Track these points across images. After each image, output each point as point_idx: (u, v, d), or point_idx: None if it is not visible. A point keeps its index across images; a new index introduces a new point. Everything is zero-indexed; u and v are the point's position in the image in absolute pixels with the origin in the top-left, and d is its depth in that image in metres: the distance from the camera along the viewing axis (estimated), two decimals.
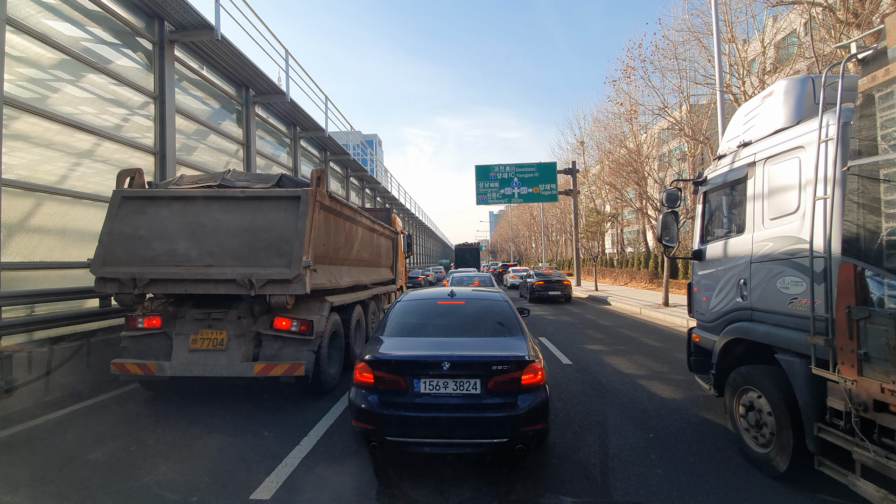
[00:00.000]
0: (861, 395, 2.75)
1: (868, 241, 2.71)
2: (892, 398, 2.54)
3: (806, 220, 3.34)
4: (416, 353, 3.77)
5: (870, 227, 2.70)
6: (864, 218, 2.75)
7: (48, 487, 3.45)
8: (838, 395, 2.93)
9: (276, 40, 11.74)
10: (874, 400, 2.67)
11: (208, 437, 4.45)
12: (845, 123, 3.05)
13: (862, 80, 2.87)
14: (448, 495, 3.31)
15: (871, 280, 2.70)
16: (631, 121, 22.35)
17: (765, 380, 3.68)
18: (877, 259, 2.65)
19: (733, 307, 4.26)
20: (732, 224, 4.45)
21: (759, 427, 3.74)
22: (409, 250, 15.16)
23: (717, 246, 4.63)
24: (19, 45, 6.33)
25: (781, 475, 3.44)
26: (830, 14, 10.90)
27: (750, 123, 4.30)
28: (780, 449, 3.47)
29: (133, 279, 5.14)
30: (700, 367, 4.93)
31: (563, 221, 43.97)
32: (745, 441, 3.89)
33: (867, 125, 2.79)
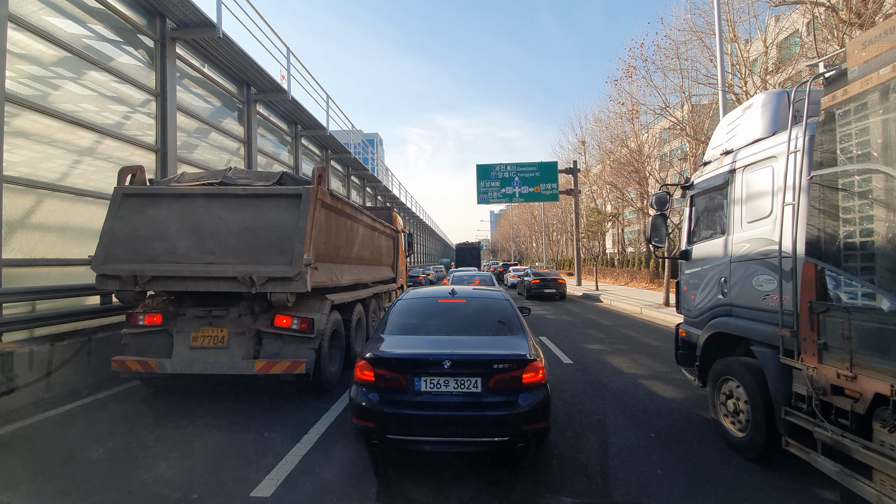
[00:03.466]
0: (820, 381, 3.07)
1: (828, 243, 3.04)
2: (847, 383, 2.86)
3: (777, 223, 3.67)
4: (417, 351, 3.76)
5: (829, 231, 3.04)
6: (825, 223, 3.08)
7: (49, 485, 3.45)
8: (802, 381, 3.26)
9: (278, 38, 11.74)
10: (831, 385, 2.99)
11: (209, 434, 4.45)
12: (811, 137, 3.32)
13: (824, 98, 3.17)
14: (448, 494, 3.31)
15: (829, 278, 3.04)
16: (632, 120, 22.33)
17: (742, 370, 3.99)
18: (835, 260, 2.98)
19: (715, 303, 4.59)
20: (715, 226, 4.75)
21: (737, 413, 4.06)
22: (409, 249, 15.16)
23: (702, 246, 4.96)
24: (21, 41, 6.32)
25: (757, 457, 3.75)
26: (833, 14, 10.87)
27: (732, 133, 4.60)
28: (755, 432, 3.76)
29: (134, 276, 5.14)
30: (686, 360, 5.21)
31: (563, 221, 43.95)
32: (726, 427, 4.19)
33: (828, 139, 3.10)
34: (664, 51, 17.66)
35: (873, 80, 2.77)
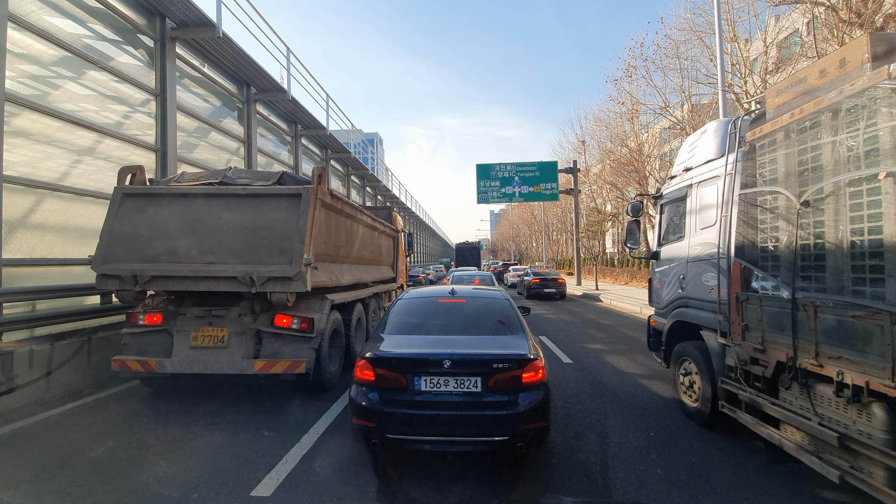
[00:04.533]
0: (743, 354, 3.91)
1: (750, 248, 3.91)
2: (759, 354, 3.71)
3: (718, 231, 4.42)
4: (416, 350, 3.77)
5: (750, 238, 3.92)
6: (747, 231, 3.95)
7: (49, 484, 3.46)
8: (731, 355, 4.10)
9: (278, 38, 11.74)
10: (750, 357, 3.83)
11: (209, 434, 4.45)
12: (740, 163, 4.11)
13: (748, 133, 4.00)
14: (448, 494, 3.31)
15: (751, 274, 3.92)
16: (632, 120, 22.35)
17: (695, 351, 4.80)
18: (755, 260, 3.86)
19: (676, 297, 5.38)
20: (678, 231, 5.47)
21: (692, 387, 4.86)
22: (409, 249, 15.16)
23: (668, 248, 5.70)
24: (21, 41, 6.32)
25: (705, 422, 4.54)
26: (833, 13, 10.87)
27: (691, 153, 5.31)
28: (704, 401, 4.58)
29: (134, 276, 5.14)
30: (656, 346, 5.92)
31: (563, 220, 43.96)
32: (683, 399, 5.03)
33: (750, 165, 3.94)
34: (664, 50, 17.69)
35: (779, 123, 3.57)
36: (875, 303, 2.71)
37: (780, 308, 3.46)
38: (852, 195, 2.94)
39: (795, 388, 3.41)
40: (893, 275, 2.63)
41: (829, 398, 3.11)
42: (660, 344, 5.67)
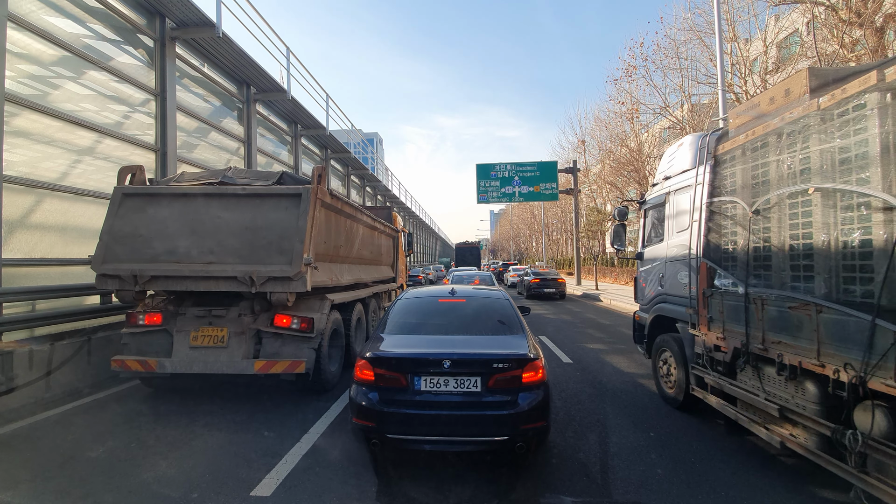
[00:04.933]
0: (708, 343, 4.46)
1: (714, 249, 4.43)
2: (721, 342, 4.25)
3: (690, 234, 4.90)
4: (416, 350, 3.77)
5: (715, 241, 4.43)
6: (712, 235, 4.47)
7: (49, 484, 3.45)
8: (699, 344, 4.65)
9: (278, 38, 11.73)
10: (714, 345, 4.37)
11: (209, 434, 4.45)
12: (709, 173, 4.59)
13: (713, 150, 4.56)
14: (448, 493, 3.31)
15: (715, 273, 4.42)
16: (632, 120, 22.35)
17: (671, 342, 5.34)
18: (717, 260, 4.37)
19: (657, 293, 5.87)
20: (659, 234, 5.96)
21: (669, 375, 5.39)
22: (409, 249, 15.16)
23: (651, 249, 6.19)
24: (21, 41, 6.32)
25: (679, 406, 5.10)
26: (833, 13, 10.87)
27: (671, 163, 5.78)
28: (678, 387, 5.12)
29: (134, 276, 5.14)
30: (639, 339, 6.41)
31: (563, 220, 43.95)
32: (662, 386, 5.55)
33: (716, 177, 4.47)
34: (664, 50, 17.70)
35: (738, 142, 4.11)
36: (805, 296, 3.23)
37: (737, 302, 4.02)
38: (791, 206, 3.45)
39: (748, 369, 3.99)
40: (820, 273, 3.13)
41: (774, 377, 3.66)
42: (643, 337, 6.21)
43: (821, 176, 3.13)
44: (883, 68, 2.78)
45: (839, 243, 2.99)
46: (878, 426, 2.74)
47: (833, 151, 3.05)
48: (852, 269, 2.91)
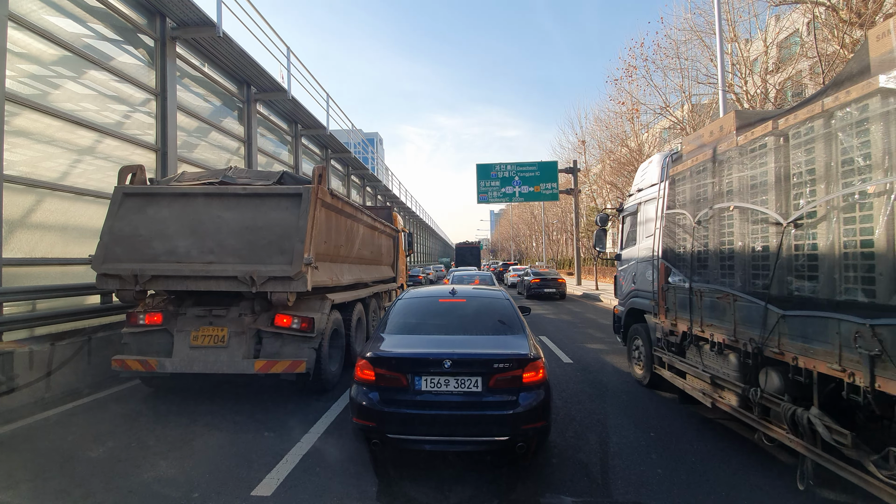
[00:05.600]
0: (665, 328, 5.38)
1: (670, 252, 5.30)
2: (673, 328, 5.17)
3: (654, 239, 5.79)
4: (417, 350, 3.77)
5: (670, 245, 5.31)
6: (668, 240, 5.35)
7: (49, 484, 3.45)
8: (659, 330, 5.55)
9: (278, 37, 11.73)
10: (669, 330, 5.28)
11: (209, 434, 4.45)
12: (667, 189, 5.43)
13: (670, 169, 5.41)
14: (449, 493, 3.31)
15: (670, 271, 5.27)
16: (632, 120, 22.32)
17: (641, 330, 6.28)
18: (672, 260, 5.25)
19: (631, 289, 6.74)
20: (633, 238, 6.84)
21: (640, 359, 6.31)
22: (409, 249, 15.16)
23: (626, 251, 7.08)
24: (21, 41, 6.32)
25: (647, 385, 5.98)
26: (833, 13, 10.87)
27: (643, 177, 6.66)
28: (646, 368, 6.03)
29: (134, 276, 5.14)
30: (617, 329, 7.39)
31: (563, 220, 43.93)
32: (634, 368, 6.56)
33: (671, 193, 5.34)
34: (664, 50, 17.67)
35: (686, 165, 4.98)
36: (727, 289, 4.13)
37: (684, 294, 4.93)
38: (720, 219, 4.32)
39: (692, 348, 4.94)
40: (737, 271, 4.03)
41: (708, 353, 4.60)
42: (620, 327, 7.18)
43: (739, 197, 4.01)
44: (778, 118, 3.59)
45: (749, 248, 3.87)
46: (770, 383, 3.72)
47: (747, 178, 3.91)
48: (756, 268, 3.79)
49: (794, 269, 3.36)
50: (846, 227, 2.92)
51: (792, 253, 3.37)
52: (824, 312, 3.05)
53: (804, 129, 3.29)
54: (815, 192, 3.17)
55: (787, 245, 3.41)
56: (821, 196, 3.12)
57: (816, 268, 3.17)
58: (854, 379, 2.80)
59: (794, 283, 3.36)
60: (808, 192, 3.25)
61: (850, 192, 2.88)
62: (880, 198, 2.68)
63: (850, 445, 2.91)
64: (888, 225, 2.61)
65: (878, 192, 2.68)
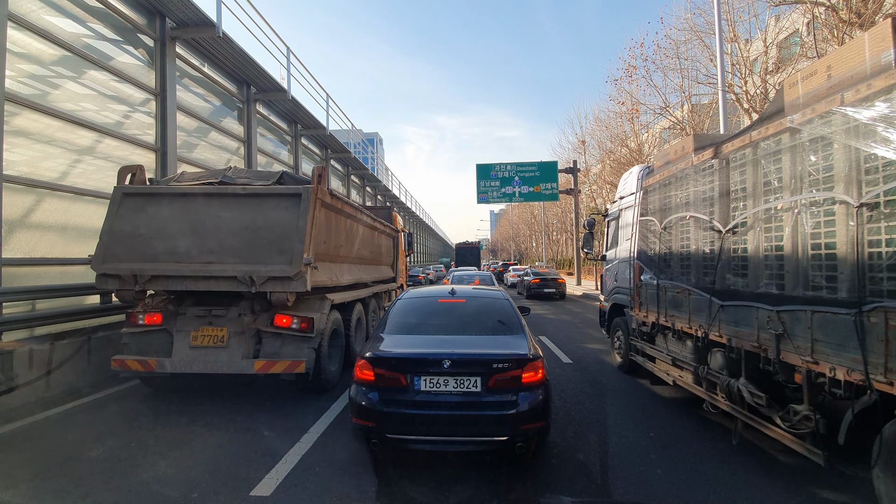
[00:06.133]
0: (639, 320, 6.09)
1: (643, 253, 5.99)
2: (645, 319, 5.86)
3: (631, 242, 6.48)
4: (416, 350, 3.77)
5: (642, 248, 6.02)
6: (641, 243, 6.06)
7: (48, 484, 3.45)
8: (634, 321, 6.32)
9: (278, 37, 11.73)
10: (641, 321, 6.01)
11: (208, 434, 4.45)
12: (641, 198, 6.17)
13: (644, 181, 6.16)
14: (448, 493, 3.31)
15: (643, 270, 5.99)
16: (632, 120, 22.31)
17: (621, 322, 7.04)
18: (644, 261, 5.96)
19: (613, 287, 7.48)
20: (616, 241, 7.51)
21: (619, 348, 7.12)
22: (409, 249, 15.15)
23: (610, 252, 7.77)
24: (21, 41, 6.31)
25: (626, 372, 6.74)
26: (833, 13, 10.86)
27: (624, 186, 7.37)
28: (624, 356, 6.79)
29: (134, 276, 5.14)
30: (602, 323, 8.11)
31: (563, 221, 43.92)
32: (615, 356, 7.34)
33: (644, 202, 6.06)
34: (664, 50, 17.66)
35: (655, 178, 5.75)
36: (684, 285, 4.87)
37: (653, 290, 5.61)
38: (679, 225, 5.08)
39: (659, 336, 5.73)
40: (692, 269, 4.78)
41: (671, 339, 5.40)
42: (604, 320, 7.90)
43: (693, 207, 4.78)
44: (720, 145, 4.35)
45: (700, 251, 4.63)
46: (714, 362, 4.52)
47: (699, 192, 4.67)
48: (705, 267, 4.52)
49: (730, 268, 4.13)
50: (765, 234, 3.67)
51: (729, 255, 4.13)
52: (748, 302, 3.80)
53: (739, 155, 4.03)
54: (746, 206, 3.92)
55: (726, 249, 4.18)
56: (750, 209, 3.86)
57: (746, 267, 3.91)
58: (767, 353, 3.55)
59: (731, 280, 4.12)
60: (741, 205, 4.00)
61: (767, 208, 3.63)
62: (788, 213, 3.41)
63: (765, 405, 3.72)
64: (792, 234, 3.34)
65: (786, 209, 3.42)
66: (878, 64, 2.77)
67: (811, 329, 3.12)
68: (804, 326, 3.18)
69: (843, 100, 2.92)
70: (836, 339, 2.94)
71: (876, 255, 2.69)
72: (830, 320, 2.98)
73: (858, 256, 2.77)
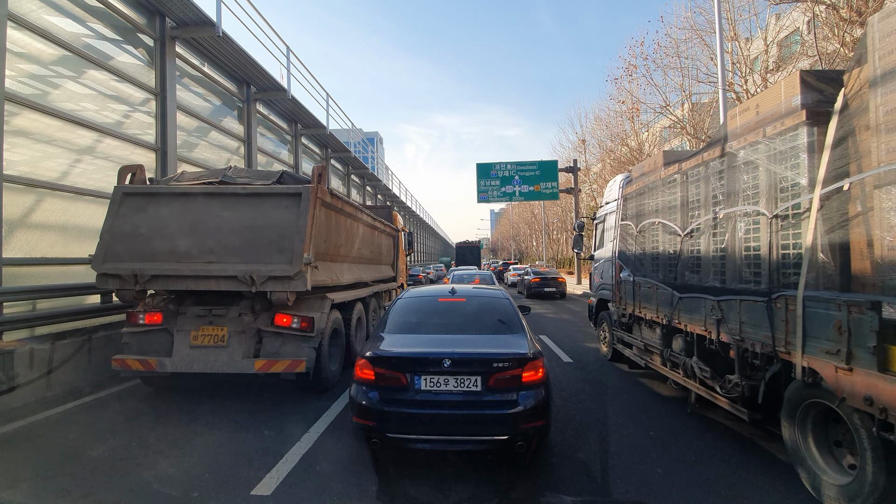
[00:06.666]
0: (620, 312, 6.84)
1: (622, 253, 6.78)
2: (624, 311, 6.60)
3: (614, 243, 7.19)
4: (417, 349, 3.76)
5: (622, 248, 6.78)
6: (620, 244, 6.85)
7: (49, 483, 3.46)
8: (615, 313, 7.09)
9: (278, 37, 11.72)
10: (621, 313, 6.75)
11: (209, 433, 4.46)
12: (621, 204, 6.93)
13: (624, 189, 6.89)
14: (448, 493, 3.31)
15: (622, 268, 6.75)
16: (633, 119, 22.28)
17: (606, 315, 7.73)
18: (623, 260, 6.72)
19: (599, 283, 8.19)
20: (602, 242, 8.22)
21: (604, 339, 7.85)
22: (410, 248, 15.14)
23: (598, 252, 8.45)
24: (21, 41, 6.31)
25: (611, 360, 7.48)
26: (834, 12, 10.85)
27: (609, 192, 8.01)
28: (609, 345, 7.52)
29: (134, 275, 5.14)
30: (590, 317, 8.79)
31: (564, 220, 43.90)
32: (601, 347, 8.11)
33: (624, 208, 6.78)
34: (664, 49, 17.65)
35: (633, 187, 6.51)
36: (653, 281, 5.62)
37: (630, 286, 6.36)
38: (650, 230, 5.87)
39: (636, 326, 6.48)
40: (660, 267, 5.59)
41: (644, 328, 6.16)
42: (592, 314, 8.67)
43: (661, 214, 5.55)
44: (681, 162, 5.12)
45: (666, 251, 5.45)
46: (676, 345, 5.23)
47: (666, 201, 5.45)
48: (670, 266, 5.32)
49: (687, 266, 4.94)
50: (713, 238, 4.48)
51: (687, 255, 4.94)
52: (699, 294, 4.57)
53: (694, 171, 4.86)
54: (700, 214, 4.72)
55: (684, 250, 4.99)
56: (702, 217, 4.66)
57: (699, 265, 4.74)
58: (711, 335, 4.35)
59: (687, 276, 4.93)
60: (696, 213, 4.80)
61: (714, 216, 4.41)
62: (728, 221, 4.21)
63: (710, 378, 4.47)
64: (731, 239, 4.15)
65: (727, 217, 4.23)
66: (789, 106, 3.49)
67: (739, 314, 3.92)
68: (735, 312, 3.98)
69: (765, 133, 3.68)
70: (755, 321, 3.72)
71: (784, 255, 3.50)
72: (752, 307, 3.76)
73: (771, 257, 3.60)
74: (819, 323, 3.05)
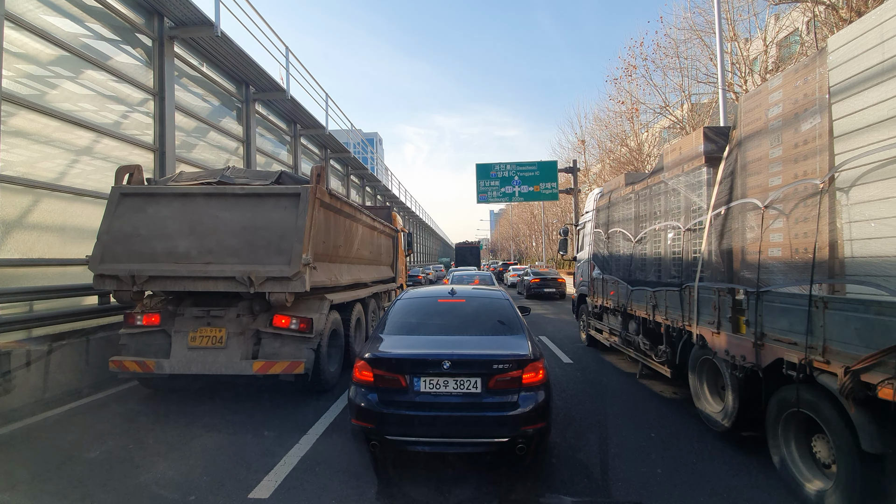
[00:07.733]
0: (594, 304, 8.33)
1: (595, 255, 8.18)
2: (597, 303, 8.09)
3: (592, 246, 8.39)
4: (416, 351, 3.74)
5: (595, 251, 8.23)
6: (594, 247, 8.28)
7: (46, 485, 3.44)
8: (590, 305, 8.57)
9: (277, 37, 11.71)
10: (595, 305, 8.30)
11: (207, 435, 4.43)
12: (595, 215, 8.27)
13: (597, 201, 8.25)
14: (448, 495, 3.29)
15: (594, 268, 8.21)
16: (632, 119, 22.29)
17: (585, 307, 9.03)
18: (596, 261, 8.13)
19: (580, 281, 9.54)
20: (583, 245, 9.48)
21: (583, 328, 9.23)
22: (409, 248, 15.12)
23: (579, 255, 9.84)
24: (18, 40, 6.29)
25: (588, 344, 8.89)
26: (833, 12, 10.84)
27: (588, 203, 9.29)
28: (587, 333, 8.88)
29: (132, 276, 5.11)
30: (573, 310, 10.31)
31: (563, 220, 43.88)
32: (581, 335, 9.51)
33: (597, 217, 8.20)
34: (664, 49, 17.65)
35: (604, 200, 7.81)
36: (615, 277, 6.89)
37: (600, 282, 7.72)
38: (613, 237, 7.18)
39: (605, 315, 7.82)
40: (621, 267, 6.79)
41: (612, 317, 7.41)
42: (574, 307, 10.12)
43: (621, 224, 6.88)
44: (635, 184, 6.46)
45: (625, 254, 6.68)
46: (630, 328, 6.55)
47: (625, 214, 6.77)
48: (626, 266, 6.58)
49: (637, 265, 6.25)
50: (653, 245, 5.85)
51: (637, 257, 6.26)
52: (643, 287, 5.86)
53: (643, 192, 6.16)
54: (646, 226, 6.05)
55: (635, 253, 6.29)
56: (647, 228, 5.98)
57: (645, 265, 6.02)
58: (649, 316, 5.65)
59: (637, 273, 6.23)
60: (643, 225, 6.11)
61: (653, 228, 5.80)
62: (662, 231, 5.58)
63: (650, 349, 5.87)
64: (663, 245, 5.52)
65: (661, 229, 5.60)
66: (697, 151, 4.81)
67: (665, 300, 5.27)
68: (662, 299, 5.34)
69: (684, 169, 5.05)
70: (673, 305, 5.07)
71: (690, 258, 4.87)
72: (672, 295, 5.11)
73: (685, 259, 4.97)
74: (705, 303, 4.42)
